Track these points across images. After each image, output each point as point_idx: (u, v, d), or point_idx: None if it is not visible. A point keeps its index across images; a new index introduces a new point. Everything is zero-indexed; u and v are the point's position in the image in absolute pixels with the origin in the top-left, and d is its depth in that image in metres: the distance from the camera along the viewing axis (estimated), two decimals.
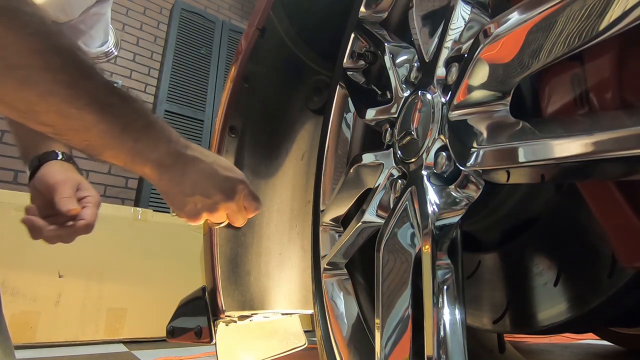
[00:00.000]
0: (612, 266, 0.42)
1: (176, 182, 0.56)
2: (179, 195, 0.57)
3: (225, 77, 3.77)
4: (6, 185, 2.79)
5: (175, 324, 0.90)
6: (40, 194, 0.71)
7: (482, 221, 0.59)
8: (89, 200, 0.72)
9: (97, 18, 0.96)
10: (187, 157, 0.56)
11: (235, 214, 0.64)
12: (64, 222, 0.68)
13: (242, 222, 0.66)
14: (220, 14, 4.38)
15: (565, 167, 0.31)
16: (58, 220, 0.68)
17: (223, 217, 0.64)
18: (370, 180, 0.63)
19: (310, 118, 0.93)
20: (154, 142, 0.52)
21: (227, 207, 0.61)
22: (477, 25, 0.45)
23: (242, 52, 0.85)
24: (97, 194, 0.74)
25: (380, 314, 0.48)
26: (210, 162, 0.59)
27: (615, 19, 0.26)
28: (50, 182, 0.70)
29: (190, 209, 0.59)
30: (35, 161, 0.73)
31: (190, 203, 0.58)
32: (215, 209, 0.60)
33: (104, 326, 2.16)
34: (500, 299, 0.56)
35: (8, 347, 0.70)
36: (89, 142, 0.47)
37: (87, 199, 0.72)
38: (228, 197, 0.60)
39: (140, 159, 0.51)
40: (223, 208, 0.61)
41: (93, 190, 0.74)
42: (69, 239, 0.69)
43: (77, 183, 0.72)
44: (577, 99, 0.38)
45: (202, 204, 0.59)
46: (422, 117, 0.49)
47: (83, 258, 2.17)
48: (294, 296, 0.88)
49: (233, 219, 0.65)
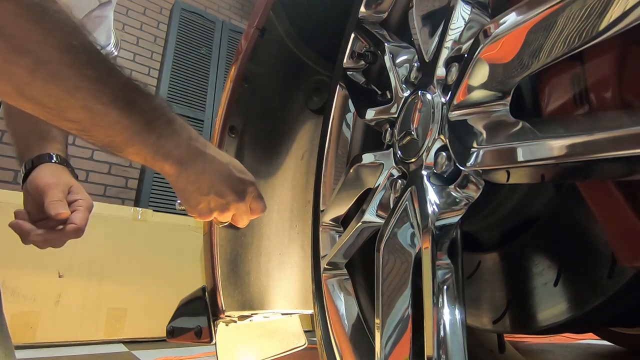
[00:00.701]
0: (612, 266, 0.42)
1: (194, 180, 0.56)
2: (195, 193, 0.57)
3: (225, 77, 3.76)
4: (6, 185, 2.79)
5: (175, 324, 0.90)
6: (31, 197, 0.70)
7: (482, 221, 0.59)
8: (80, 203, 0.70)
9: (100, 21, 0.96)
10: (207, 155, 0.57)
11: (241, 215, 0.65)
12: (54, 226, 0.67)
13: (246, 223, 0.66)
14: (220, 14, 4.38)
15: (565, 167, 0.31)
16: (48, 224, 0.67)
17: (230, 217, 0.64)
18: (370, 180, 0.63)
19: (310, 118, 0.93)
20: (175, 139, 0.52)
21: (237, 207, 0.62)
22: (477, 25, 0.45)
23: (242, 52, 0.85)
24: (89, 198, 0.73)
25: (380, 314, 0.48)
26: (227, 163, 0.60)
27: (615, 19, 0.26)
28: (40, 185, 0.68)
29: (203, 207, 0.59)
30: (29, 164, 0.73)
31: (204, 202, 0.58)
32: (226, 209, 0.61)
33: (104, 326, 2.16)
34: (500, 299, 0.56)
35: (8, 347, 0.70)
36: (113, 138, 0.47)
37: (78, 202, 0.70)
38: (240, 198, 0.61)
39: (162, 156, 0.51)
40: (233, 208, 0.62)
41: (85, 194, 0.73)
42: (58, 243, 0.68)
43: (68, 186, 0.71)
44: (577, 99, 0.38)
45: (215, 203, 0.59)
46: (422, 117, 0.49)
47: (83, 258, 2.17)
48: (294, 296, 0.88)
49: (238, 220, 0.65)
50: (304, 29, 0.88)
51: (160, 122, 0.50)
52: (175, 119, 0.53)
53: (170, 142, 0.51)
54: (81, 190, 0.73)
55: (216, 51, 4.07)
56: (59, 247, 0.69)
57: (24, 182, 0.72)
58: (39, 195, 0.68)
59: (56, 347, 2.01)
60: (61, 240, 0.68)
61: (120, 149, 0.49)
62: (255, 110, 0.87)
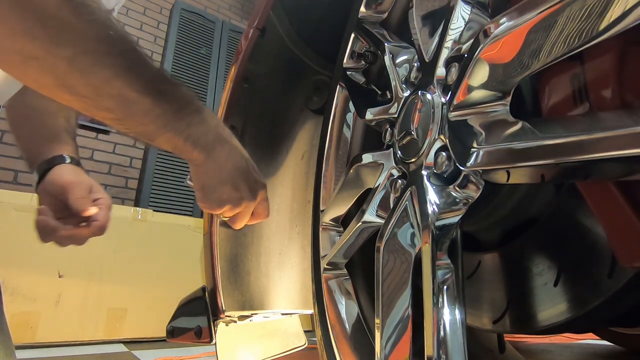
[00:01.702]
0: (612, 266, 0.42)
1: (216, 167, 0.57)
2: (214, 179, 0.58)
3: (225, 77, 3.76)
4: (6, 185, 2.79)
5: (175, 324, 0.90)
6: (50, 196, 0.71)
7: (482, 221, 0.59)
8: (101, 202, 0.72)
9: None
10: (232, 145, 0.58)
11: (244, 215, 0.65)
12: (77, 223, 0.69)
13: (242, 225, 0.66)
14: (220, 14, 4.38)
15: (565, 167, 0.31)
16: (70, 222, 0.68)
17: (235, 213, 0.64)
18: (370, 180, 0.63)
19: (310, 118, 0.93)
20: (204, 126, 0.54)
21: (247, 206, 0.63)
22: (477, 25, 0.45)
23: (242, 52, 0.85)
24: (109, 197, 0.75)
25: (380, 314, 0.48)
26: (247, 158, 0.61)
27: (615, 19, 0.26)
28: (62, 184, 0.70)
29: (217, 196, 0.59)
30: (43, 165, 0.73)
31: (220, 191, 0.59)
32: (238, 204, 0.61)
33: (104, 326, 2.16)
34: (500, 299, 0.56)
35: (9, 348, 0.71)
36: (146, 127, 0.48)
37: (99, 201, 0.72)
38: (253, 197, 0.62)
39: (191, 143, 0.53)
40: (243, 205, 0.62)
41: (105, 193, 0.75)
42: (82, 240, 0.70)
43: (89, 185, 0.73)
44: (577, 99, 0.38)
45: (228, 195, 0.59)
46: (422, 117, 0.49)
47: (83, 258, 2.17)
48: (294, 296, 0.88)
49: (238, 219, 0.65)
50: (304, 28, 0.88)
51: (190, 110, 0.52)
52: (202, 108, 0.54)
53: (199, 129, 0.53)
54: (100, 189, 0.75)
55: (216, 51, 4.07)
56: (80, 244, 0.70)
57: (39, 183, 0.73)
58: (60, 194, 0.69)
59: (56, 347, 2.01)
60: (85, 237, 0.70)
61: (152, 137, 0.50)
62: (255, 110, 0.87)
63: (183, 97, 0.51)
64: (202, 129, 0.53)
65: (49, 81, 0.41)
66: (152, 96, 0.46)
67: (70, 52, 0.39)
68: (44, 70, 0.40)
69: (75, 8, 0.39)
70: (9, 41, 0.38)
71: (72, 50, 0.39)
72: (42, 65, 0.39)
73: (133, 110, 0.46)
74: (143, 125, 0.48)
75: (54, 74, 0.41)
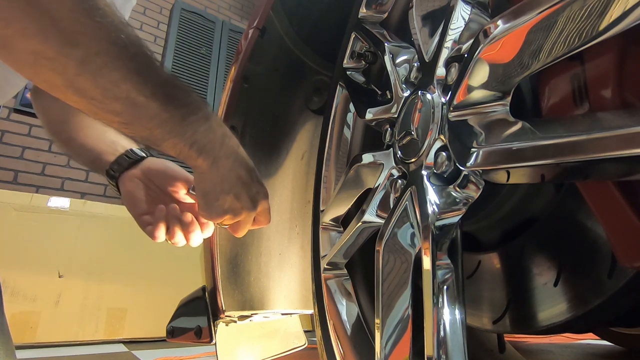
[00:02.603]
0: (612, 266, 0.42)
1: (220, 176, 0.56)
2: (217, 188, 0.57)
3: (225, 77, 3.76)
4: (6, 185, 2.79)
5: (175, 324, 0.90)
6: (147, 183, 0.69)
7: (482, 221, 0.59)
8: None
9: None
10: (237, 155, 0.58)
11: (244, 224, 0.64)
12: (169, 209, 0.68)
13: (243, 234, 0.65)
14: (220, 14, 4.38)
15: (565, 167, 0.31)
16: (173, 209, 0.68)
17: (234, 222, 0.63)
18: (370, 180, 0.62)
19: (310, 118, 0.93)
20: (211, 135, 0.53)
21: (247, 215, 0.62)
22: (477, 25, 0.45)
23: (242, 52, 0.85)
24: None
25: (380, 314, 0.48)
26: (252, 168, 0.61)
27: (615, 19, 0.26)
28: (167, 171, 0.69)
29: (219, 205, 0.59)
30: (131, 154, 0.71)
31: (222, 200, 0.58)
32: (238, 213, 0.60)
33: (103, 326, 2.16)
34: (500, 299, 0.56)
35: (9, 348, 0.71)
36: (152, 131, 0.48)
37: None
38: (253, 207, 0.61)
39: (196, 150, 0.52)
40: (244, 215, 0.61)
41: None
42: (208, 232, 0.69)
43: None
44: (577, 99, 0.38)
45: (230, 204, 0.59)
46: (422, 117, 0.49)
47: (83, 258, 2.17)
48: (294, 296, 0.88)
49: (238, 228, 0.64)
50: (304, 28, 0.88)
51: (197, 116, 0.51)
52: (211, 115, 0.54)
53: (205, 136, 0.53)
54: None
55: (216, 51, 4.08)
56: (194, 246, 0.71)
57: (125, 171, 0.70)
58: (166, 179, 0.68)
59: (56, 347, 2.01)
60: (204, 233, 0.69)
61: (158, 142, 0.50)
62: (255, 110, 0.87)
63: (191, 104, 0.51)
64: (209, 136, 0.53)
65: (58, 82, 0.42)
66: (159, 101, 0.46)
67: (81, 53, 0.40)
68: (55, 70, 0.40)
69: (88, 10, 0.39)
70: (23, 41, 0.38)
71: (83, 52, 0.40)
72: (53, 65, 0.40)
73: (140, 114, 0.46)
74: (149, 130, 0.48)
75: (64, 75, 0.41)
